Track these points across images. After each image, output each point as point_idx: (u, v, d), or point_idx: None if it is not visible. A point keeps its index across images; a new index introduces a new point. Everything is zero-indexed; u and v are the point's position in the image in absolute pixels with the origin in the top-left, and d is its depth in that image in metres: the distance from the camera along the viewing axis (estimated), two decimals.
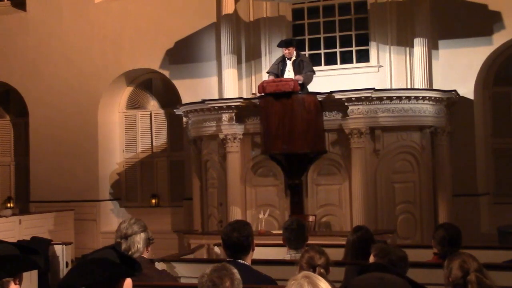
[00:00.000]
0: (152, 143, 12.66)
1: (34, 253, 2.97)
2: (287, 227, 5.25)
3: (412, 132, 9.36)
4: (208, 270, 2.90)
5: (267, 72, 9.84)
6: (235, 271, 2.92)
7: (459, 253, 3.68)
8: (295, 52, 9.52)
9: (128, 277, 2.80)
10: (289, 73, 9.37)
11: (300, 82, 9.00)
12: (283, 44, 9.57)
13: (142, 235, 4.01)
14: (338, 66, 10.95)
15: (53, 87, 12.66)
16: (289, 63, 9.44)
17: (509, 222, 9.38)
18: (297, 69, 9.35)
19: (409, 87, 10.10)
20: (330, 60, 11.05)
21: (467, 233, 8.53)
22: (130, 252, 3.93)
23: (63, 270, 8.35)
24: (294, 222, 5.31)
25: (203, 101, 9.81)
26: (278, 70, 9.47)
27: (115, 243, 2.91)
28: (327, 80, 10.30)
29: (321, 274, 3.47)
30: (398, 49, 10.50)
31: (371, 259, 4.15)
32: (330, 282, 3.09)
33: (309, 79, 9.27)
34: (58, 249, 8.58)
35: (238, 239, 4.09)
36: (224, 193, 9.62)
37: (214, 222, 9.82)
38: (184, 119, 10.90)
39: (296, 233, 5.17)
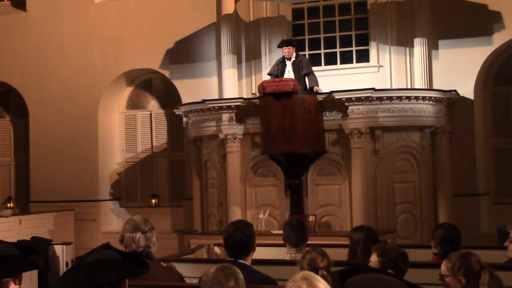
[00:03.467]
0: (152, 143, 12.65)
1: (34, 253, 2.96)
2: (287, 223, 5.28)
3: (412, 132, 9.36)
4: (212, 269, 2.89)
5: (269, 74, 9.85)
6: (239, 271, 2.92)
7: (459, 253, 3.69)
8: (294, 53, 9.53)
9: (139, 275, 2.78)
10: (289, 73, 9.39)
11: (320, 91, 9.16)
12: (283, 43, 9.60)
13: (154, 231, 4.04)
14: (338, 66, 10.95)
15: (53, 87, 12.65)
16: (288, 64, 9.46)
17: (509, 222, 9.36)
18: (296, 70, 9.37)
19: (409, 87, 10.09)
20: (330, 60, 11.04)
21: (467, 233, 8.53)
22: (150, 249, 3.95)
23: (63, 270, 8.35)
24: (294, 219, 5.36)
25: (203, 101, 9.81)
26: (278, 71, 9.51)
27: (107, 243, 2.87)
28: (327, 80, 10.29)
29: (323, 277, 3.45)
30: (398, 49, 10.49)
31: (374, 258, 4.15)
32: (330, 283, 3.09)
33: (317, 81, 9.39)
34: (58, 249, 8.57)
35: (241, 239, 4.10)
36: (224, 193, 9.61)
37: (214, 222, 9.82)
38: (184, 119, 10.89)
39: (296, 229, 5.18)
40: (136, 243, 3.92)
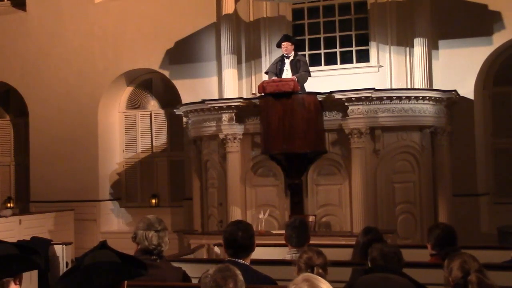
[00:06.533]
0: (152, 143, 12.66)
1: (34, 253, 2.96)
2: (289, 225, 5.29)
3: (412, 132, 9.36)
4: (211, 270, 2.89)
5: (266, 72, 9.85)
6: (238, 272, 2.91)
7: (459, 253, 3.69)
8: (293, 52, 9.50)
9: (137, 277, 2.78)
10: (287, 72, 9.35)
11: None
12: (282, 39, 9.58)
13: (166, 231, 4.14)
14: (338, 66, 10.94)
15: (53, 87, 12.66)
16: (287, 62, 9.43)
17: (509, 222, 9.38)
18: (294, 69, 9.35)
19: (409, 87, 10.09)
20: (330, 60, 11.04)
21: (467, 233, 8.56)
22: (162, 248, 4.03)
23: (63, 270, 8.34)
24: (296, 220, 5.37)
25: (203, 101, 9.81)
26: (276, 69, 9.48)
27: (104, 241, 2.87)
28: (327, 80, 10.30)
29: (319, 274, 3.47)
30: (398, 49, 10.49)
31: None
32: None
33: (303, 80, 9.25)
34: (58, 249, 8.57)
35: (243, 239, 4.11)
36: (224, 193, 9.61)
37: (214, 222, 9.82)
38: (184, 119, 10.89)
39: (298, 230, 5.20)
40: (149, 240, 4.00)
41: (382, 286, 2.23)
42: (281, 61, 9.50)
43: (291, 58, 9.44)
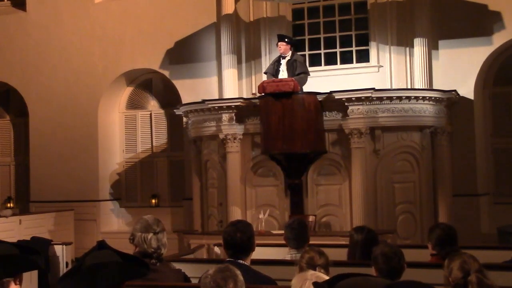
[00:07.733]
0: (152, 143, 12.66)
1: (34, 253, 2.96)
2: (288, 226, 5.28)
3: (412, 132, 9.36)
4: (211, 270, 2.89)
5: (265, 73, 9.86)
6: (238, 272, 2.91)
7: (459, 253, 3.68)
8: (290, 52, 9.47)
9: (140, 277, 2.78)
10: (283, 72, 9.34)
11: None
12: (277, 39, 9.59)
13: (165, 233, 4.02)
14: (338, 66, 10.94)
15: (53, 87, 12.66)
16: (283, 62, 9.42)
17: (509, 222, 9.38)
18: (290, 69, 9.33)
19: (409, 87, 10.09)
20: (330, 60, 11.03)
21: (467, 233, 8.56)
22: (161, 251, 3.93)
23: (63, 270, 8.35)
24: (295, 221, 5.35)
25: (203, 101, 9.81)
26: (273, 69, 9.47)
27: (102, 241, 2.85)
28: (327, 80, 10.30)
29: None
30: (398, 49, 10.49)
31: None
32: None
33: (302, 82, 9.22)
34: (58, 249, 8.58)
35: (242, 240, 4.10)
36: (224, 193, 9.61)
37: (214, 222, 9.82)
38: (184, 119, 10.89)
39: (297, 232, 5.19)
40: (148, 243, 3.89)
41: (363, 286, 2.23)
42: (277, 61, 9.50)
43: (288, 58, 9.42)
